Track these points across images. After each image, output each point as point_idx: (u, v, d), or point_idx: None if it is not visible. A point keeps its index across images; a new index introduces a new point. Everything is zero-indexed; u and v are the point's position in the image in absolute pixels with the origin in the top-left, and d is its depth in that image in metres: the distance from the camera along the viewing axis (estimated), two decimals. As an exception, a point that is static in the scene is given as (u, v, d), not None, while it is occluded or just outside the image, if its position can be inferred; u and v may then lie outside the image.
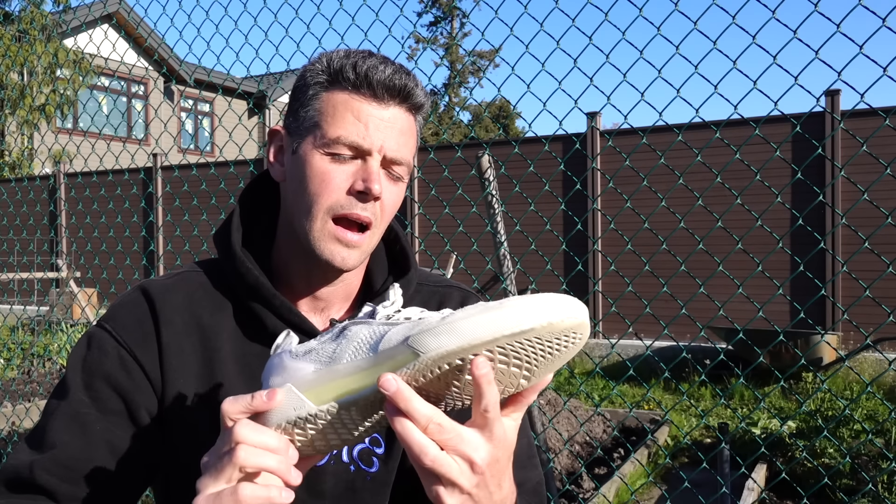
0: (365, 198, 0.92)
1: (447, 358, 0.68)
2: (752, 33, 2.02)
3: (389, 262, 1.08)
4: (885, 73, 1.89)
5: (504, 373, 0.69)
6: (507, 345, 0.67)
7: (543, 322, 0.66)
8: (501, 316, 0.67)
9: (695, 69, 2.17)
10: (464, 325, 0.67)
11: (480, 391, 0.68)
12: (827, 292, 7.69)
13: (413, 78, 0.95)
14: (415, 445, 0.69)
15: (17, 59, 10.92)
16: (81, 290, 8.72)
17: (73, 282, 8.54)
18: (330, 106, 0.93)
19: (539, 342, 0.67)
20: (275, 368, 0.78)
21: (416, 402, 0.69)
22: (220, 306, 1.00)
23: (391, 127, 0.93)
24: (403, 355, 0.70)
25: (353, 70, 0.92)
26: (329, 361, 0.75)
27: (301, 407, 0.74)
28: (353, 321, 0.77)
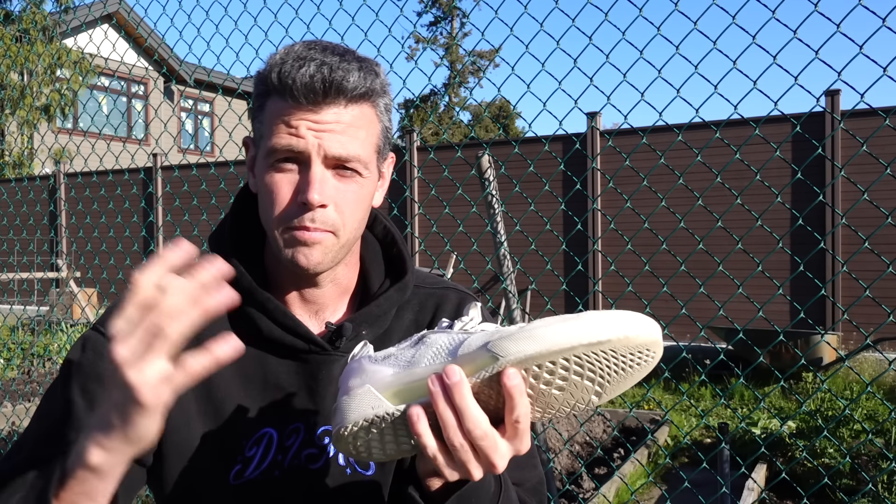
0: (306, 208, 0.90)
1: (525, 363, 0.70)
2: (752, 33, 2.02)
3: (386, 265, 1.07)
4: (885, 73, 1.89)
5: (577, 385, 0.71)
6: (583, 354, 0.69)
7: (620, 335, 0.69)
8: (580, 325, 0.69)
9: (695, 69, 2.17)
10: (543, 332, 0.70)
11: (513, 402, 0.71)
12: (827, 292, 7.69)
13: (346, 67, 0.89)
14: (451, 437, 0.72)
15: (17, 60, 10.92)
16: (81, 290, 8.72)
17: (73, 282, 8.54)
18: (268, 116, 0.91)
19: (614, 355, 0.70)
20: (354, 371, 0.80)
21: (471, 401, 0.72)
22: None
23: (330, 128, 0.89)
24: (482, 359, 0.72)
25: (277, 77, 0.88)
26: (407, 365, 0.77)
27: (379, 406, 0.76)
28: (433, 330, 0.79)
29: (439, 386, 0.72)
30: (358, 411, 0.77)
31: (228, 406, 0.96)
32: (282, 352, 0.98)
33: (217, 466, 0.95)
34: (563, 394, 0.72)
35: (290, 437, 0.97)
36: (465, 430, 0.72)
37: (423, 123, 22.29)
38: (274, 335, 0.97)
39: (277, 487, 0.96)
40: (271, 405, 0.97)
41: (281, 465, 0.96)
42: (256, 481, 0.95)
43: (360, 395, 0.78)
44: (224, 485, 0.95)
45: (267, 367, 0.98)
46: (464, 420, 0.71)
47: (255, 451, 0.96)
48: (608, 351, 0.69)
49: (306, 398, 0.98)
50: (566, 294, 8.41)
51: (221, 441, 0.96)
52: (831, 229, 7.45)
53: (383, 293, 1.02)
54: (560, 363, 0.70)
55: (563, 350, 0.69)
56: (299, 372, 0.98)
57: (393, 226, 1.09)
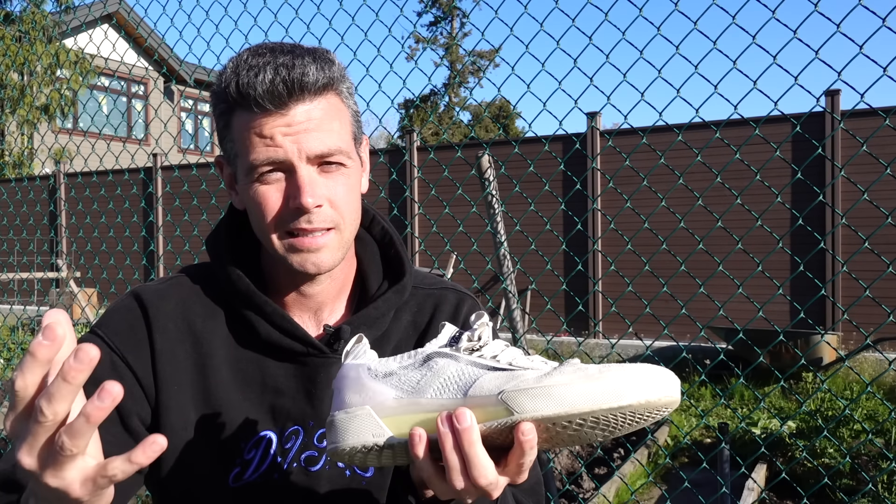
0: (301, 212, 0.89)
1: (539, 421, 0.69)
2: (752, 33, 2.02)
3: (384, 266, 1.07)
4: (885, 73, 1.89)
5: (589, 435, 0.71)
6: (601, 417, 0.68)
7: (642, 400, 0.68)
8: (601, 390, 0.68)
9: (695, 69, 2.17)
10: (563, 393, 0.68)
11: (523, 453, 0.70)
12: (827, 292, 7.69)
13: (301, 63, 0.87)
14: (454, 480, 0.71)
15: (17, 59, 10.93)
16: (81, 290, 8.72)
17: (73, 282, 8.54)
18: (238, 134, 0.90)
19: (632, 415, 0.69)
20: (352, 384, 0.77)
21: (480, 449, 0.70)
22: (213, 312, 0.99)
23: (303, 127, 0.88)
24: (495, 408, 0.70)
25: (236, 91, 0.87)
26: (412, 392, 0.74)
27: (380, 435, 0.74)
28: (437, 350, 0.76)
29: (448, 428, 0.70)
30: (358, 436, 0.75)
31: (227, 409, 0.96)
32: (280, 355, 0.98)
33: (216, 469, 0.95)
34: (571, 438, 0.71)
35: (289, 440, 0.97)
36: (472, 477, 0.70)
37: (423, 123, 22.29)
38: (272, 338, 0.96)
39: (276, 490, 0.96)
40: (270, 408, 0.97)
41: (280, 467, 0.96)
42: (255, 484, 0.95)
43: (360, 417, 0.75)
44: (223, 488, 0.95)
45: (265, 370, 0.98)
46: (471, 468, 0.70)
47: (253, 454, 0.96)
48: (627, 413, 0.68)
49: (305, 401, 0.97)
50: (566, 294, 8.41)
51: (220, 444, 0.96)
52: (831, 229, 7.45)
53: (381, 295, 1.02)
54: (576, 422, 0.69)
55: (582, 413, 0.68)
56: (297, 375, 0.98)
57: (391, 226, 1.09)
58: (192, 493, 0.96)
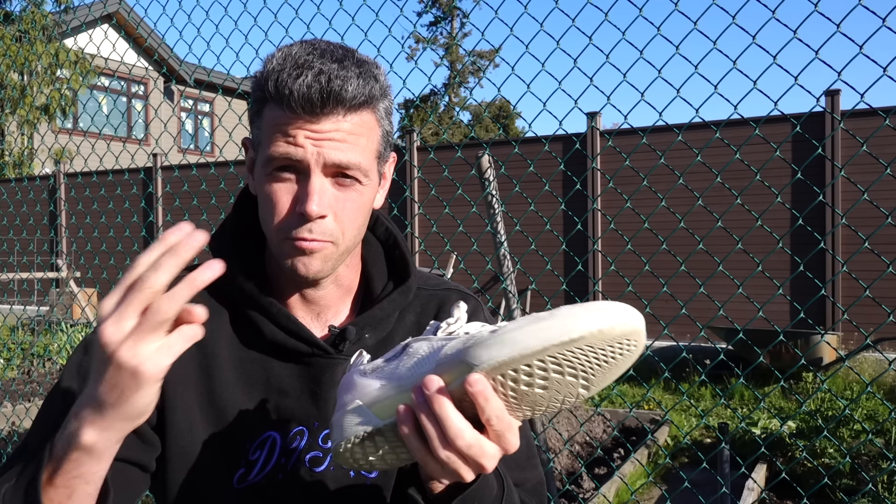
0: (304, 220, 0.89)
1: (500, 369, 0.69)
2: (752, 33, 2.02)
3: (389, 267, 1.07)
4: (885, 73, 1.89)
5: (560, 382, 0.70)
6: (558, 354, 0.67)
7: (593, 329, 0.66)
8: (551, 325, 0.67)
9: (695, 69, 2.17)
10: (515, 336, 0.68)
11: (481, 406, 0.69)
12: (827, 292, 7.69)
13: (344, 76, 0.86)
14: (436, 450, 0.71)
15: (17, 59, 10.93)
16: (81, 290, 8.72)
17: (73, 282, 8.54)
18: (266, 126, 0.90)
19: (591, 350, 0.67)
20: (346, 386, 0.81)
21: (451, 411, 0.70)
22: (217, 313, 0.99)
23: (330, 136, 0.87)
24: (458, 368, 0.71)
25: (274, 86, 0.87)
26: (391, 377, 0.77)
27: (368, 422, 0.76)
28: (416, 338, 0.79)
29: (420, 398, 0.71)
30: (350, 428, 0.77)
31: (232, 410, 0.96)
32: (285, 355, 0.98)
33: (221, 470, 0.95)
34: (549, 392, 0.70)
35: (294, 441, 0.97)
36: (449, 440, 0.70)
37: (423, 123, 22.28)
38: (277, 339, 0.96)
39: (281, 491, 0.96)
40: (275, 409, 0.97)
41: (284, 468, 0.96)
42: (260, 485, 0.95)
43: (350, 411, 0.78)
44: (228, 488, 0.95)
45: (270, 371, 0.98)
46: (446, 431, 0.70)
47: (258, 455, 0.96)
48: (584, 347, 0.67)
49: (309, 402, 0.97)
50: (566, 294, 8.41)
51: (225, 445, 0.96)
52: (831, 229, 7.45)
53: (386, 296, 1.02)
54: (536, 365, 0.68)
55: (536, 352, 0.67)
56: (302, 375, 0.98)
57: (395, 227, 1.09)
58: (197, 494, 0.96)
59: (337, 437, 0.78)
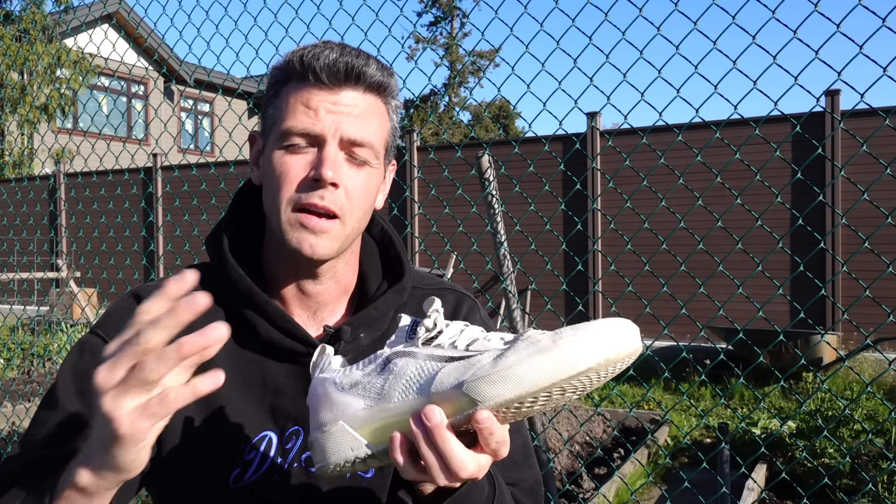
0: (317, 185, 0.90)
1: (505, 405, 0.69)
2: (752, 33, 2.02)
3: (384, 266, 1.07)
4: (885, 73, 1.89)
5: (558, 399, 0.71)
6: (564, 385, 0.68)
7: (600, 360, 0.67)
8: (558, 360, 0.67)
9: (695, 69, 2.17)
10: (521, 372, 0.67)
11: (486, 438, 0.70)
12: (827, 292, 7.69)
13: (366, 59, 0.92)
14: (436, 477, 0.72)
15: (17, 59, 10.93)
16: (81, 290, 8.72)
17: (73, 282, 8.54)
18: (284, 101, 0.93)
19: (595, 374, 0.68)
20: (322, 400, 0.78)
21: (455, 443, 0.71)
22: (213, 312, 0.98)
23: (345, 111, 0.91)
24: (459, 401, 0.70)
25: (299, 62, 0.91)
26: (378, 398, 0.75)
27: (358, 447, 0.75)
28: (395, 350, 0.76)
29: (420, 427, 0.71)
30: (338, 453, 0.76)
31: (227, 410, 0.96)
32: (280, 355, 0.98)
33: (216, 470, 0.95)
34: (544, 407, 0.71)
35: (290, 441, 0.97)
36: (451, 470, 0.71)
37: (423, 123, 22.28)
38: (272, 338, 0.96)
39: (277, 490, 0.96)
40: (270, 408, 0.97)
41: (280, 468, 0.96)
42: (256, 484, 0.95)
43: (335, 433, 0.76)
44: (224, 488, 0.95)
45: (266, 371, 0.98)
46: (449, 463, 0.71)
47: (254, 455, 0.96)
48: (591, 374, 0.67)
49: (305, 401, 0.97)
50: (566, 294, 8.40)
51: (220, 445, 0.95)
52: (831, 229, 7.45)
53: (381, 295, 1.02)
54: (541, 396, 0.68)
55: (543, 388, 0.67)
56: (297, 375, 0.98)
57: (390, 227, 1.09)
58: (192, 494, 0.96)
59: (321, 459, 0.77)
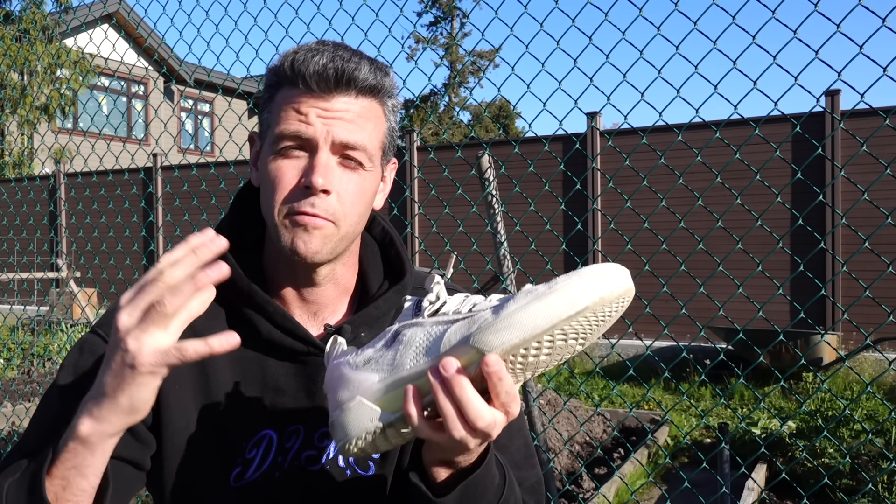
0: (308, 193, 0.90)
1: (510, 351, 0.72)
2: (752, 33, 2.02)
3: (385, 266, 1.07)
4: (885, 73, 1.89)
5: (562, 347, 0.73)
6: (564, 327, 0.71)
7: (595, 298, 0.70)
8: (555, 302, 0.70)
9: (695, 69, 2.17)
10: (522, 317, 0.71)
11: (496, 384, 0.72)
12: (827, 292, 7.69)
13: (357, 61, 0.91)
14: (452, 429, 0.73)
15: (17, 59, 10.93)
16: (81, 290, 8.72)
17: (73, 282, 8.54)
18: (277, 106, 0.92)
19: (594, 315, 0.71)
20: (338, 381, 0.80)
21: (472, 392, 0.73)
22: (214, 312, 0.99)
23: (337, 116, 0.90)
24: (467, 355, 0.73)
25: (290, 67, 0.90)
26: (391, 369, 0.77)
27: (375, 416, 0.77)
28: (403, 323, 0.79)
29: (438, 378, 0.73)
30: (358, 426, 0.77)
31: (228, 408, 0.96)
32: (281, 354, 0.98)
33: (217, 469, 0.95)
34: (550, 357, 0.73)
35: (290, 439, 0.97)
36: (469, 421, 0.73)
37: (423, 123, 22.28)
38: (273, 337, 0.97)
39: (277, 489, 0.96)
40: (271, 407, 0.97)
41: (281, 466, 0.96)
42: (257, 483, 0.95)
43: (353, 408, 0.78)
44: (224, 487, 0.95)
45: (266, 370, 0.98)
46: (466, 411, 0.72)
47: (255, 453, 0.96)
48: (588, 315, 0.70)
49: (305, 400, 0.98)
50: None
51: (221, 443, 0.96)
52: (831, 229, 7.45)
53: (382, 295, 1.02)
54: (545, 340, 0.71)
55: (545, 331, 0.70)
56: (298, 374, 0.98)
57: (391, 227, 1.09)
58: (193, 493, 0.96)
59: (342, 436, 0.79)
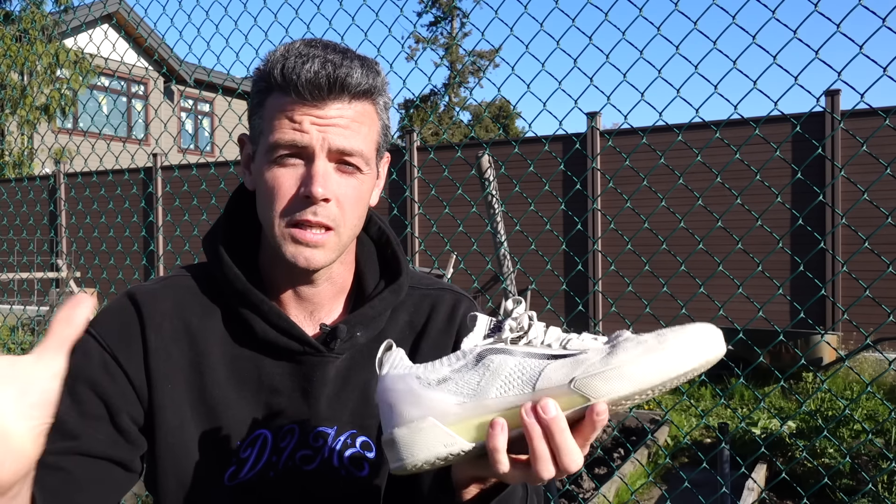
0: (309, 202, 0.90)
1: (616, 402, 0.72)
2: (752, 33, 2.02)
3: (381, 266, 1.07)
4: (885, 73, 1.89)
5: (650, 396, 0.74)
6: (668, 383, 0.72)
7: (703, 361, 0.72)
8: (668, 359, 0.71)
9: (695, 69, 2.17)
10: (633, 370, 0.71)
11: (594, 429, 0.72)
12: (827, 292, 7.69)
13: (349, 65, 0.90)
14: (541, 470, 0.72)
15: (17, 59, 10.93)
16: (81, 290, 8.72)
17: (73, 282, 8.55)
18: (269, 113, 0.91)
19: (693, 373, 0.73)
20: (404, 395, 0.75)
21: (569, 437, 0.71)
22: (209, 311, 0.99)
23: (332, 123, 0.90)
24: (569, 397, 0.71)
25: (280, 73, 0.89)
26: (474, 395, 0.73)
27: (452, 444, 0.73)
28: (488, 347, 0.75)
29: (535, 419, 0.71)
30: (428, 450, 0.73)
31: (223, 408, 0.96)
32: (276, 353, 0.98)
33: (212, 468, 0.95)
34: (634, 404, 0.75)
35: (285, 439, 0.97)
36: (562, 463, 0.71)
37: (423, 123, 22.29)
38: (268, 337, 0.97)
39: (272, 489, 0.96)
40: (266, 407, 0.97)
41: (275, 466, 0.96)
42: (251, 482, 0.96)
43: (425, 430, 0.73)
44: (219, 486, 0.95)
45: (262, 369, 0.98)
46: (562, 456, 0.71)
47: (249, 453, 0.96)
48: (688, 374, 0.72)
49: (301, 400, 0.98)
50: (566, 294, 8.41)
51: (216, 443, 0.96)
52: (831, 229, 7.45)
53: (378, 294, 1.02)
54: (647, 393, 0.72)
55: (654, 387, 0.71)
56: (294, 373, 0.98)
57: (387, 226, 1.09)
58: (188, 492, 0.96)
59: (405, 455, 0.73)
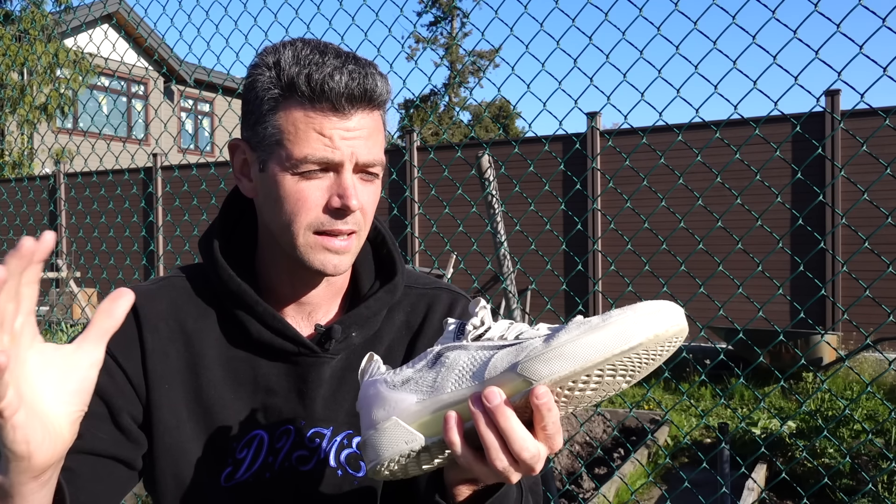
0: (342, 213, 0.91)
1: (559, 383, 0.70)
2: (752, 33, 2.02)
3: (376, 265, 1.07)
4: (885, 73, 1.89)
5: (610, 383, 0.72)
6: (616, 362, 0.69)
7: (650, 335, 0.69)
8: (609, 335, 0.69)
9: (695, 69, 2.17)
10: (573, 349, 0.69)
11: (543, 416, 0.70)
12: (827, 292, 7.69)
13: (371, 74, 0.90)
14: (495, 459, 0.71)
15: (17, 59, 10.92)
16: (81, 290, 8.73)
17: (73, 282, 8.55)
18: (290, 124, 0.89)
19: (645, 352, 0.70)
20: (374, 399, 0.78)
21: (516, 423, 0.71)
22: (205, 312, 1.00)
23: (359, 135, 0.90)
24: (513, 383, 0.71)
25: (307, 83, 0.87)
26: (431, 391, 0.75)
27: (413, 440, 0.75)
28: (446, 345, 0.77)
29: (480, 408, 0.71)
30: (391, 448, 0.75)
31: (219, 408, 0.97)
32: (272, 354, 0.98)
33: (209, 468, 0.96)
34: (596, 392, 0.72)
35: (281, 439, 0.97)
36: (514, 452, 0.71)
37: (423, 123, 22.29)
38: (263, 338, 0.97)
39: (268, 489, 0.96)
40: (262, 407, 0.98)
41: (272, 466, 0.97)
42: (247, 483, 0.96)
43: (388, 429, 0.76)
44: (216, 487, 0.95)
45: (257, 370, 0.98)
46: (511, 443, 0.71)
47: (245, 453, 0.96)
48: (640, 352, 0.69)
49: (296, 400, 0.98)
50: (566, 294, 8.41)
51: (212, 443, 0.96)
52: (831, 229, 7.45)
53: (373, 294, 1.02)
54: (594, 374, 0.70)
55: (596, 364, 0.69)
56: (289, 374, 0.98)
57: (384, 226, 1.09)
58: (185, 492, 0.96)
59: (373, 457, 0.76)
